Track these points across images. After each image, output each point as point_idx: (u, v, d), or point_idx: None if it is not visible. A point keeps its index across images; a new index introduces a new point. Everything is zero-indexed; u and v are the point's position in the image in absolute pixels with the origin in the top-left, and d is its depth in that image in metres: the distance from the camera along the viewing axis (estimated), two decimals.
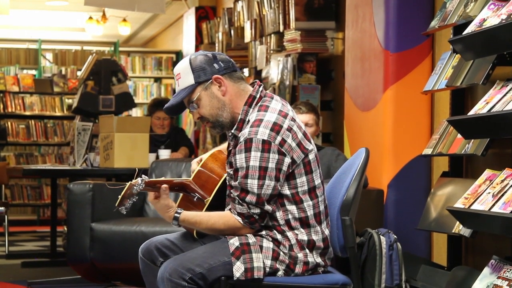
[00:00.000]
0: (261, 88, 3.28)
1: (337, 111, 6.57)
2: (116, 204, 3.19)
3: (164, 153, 6.56)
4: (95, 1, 7.58)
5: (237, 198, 3.14)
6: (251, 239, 3.16)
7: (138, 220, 5.21)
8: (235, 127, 3.23)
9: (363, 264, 3.30)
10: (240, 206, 3.14)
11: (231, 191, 3.18)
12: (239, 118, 3.22)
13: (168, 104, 3.28)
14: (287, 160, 3.14)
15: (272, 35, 7.18)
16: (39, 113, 10.88)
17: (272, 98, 3.26)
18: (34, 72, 11.87)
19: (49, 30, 14.93)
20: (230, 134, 3.26)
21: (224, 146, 3.54)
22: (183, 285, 3.10)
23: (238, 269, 3.12)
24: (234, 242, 3.15)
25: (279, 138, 3.13)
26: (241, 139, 3.14)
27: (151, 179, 3.19)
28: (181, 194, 3.35)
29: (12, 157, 11.20)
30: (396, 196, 5.05)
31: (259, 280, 3.13)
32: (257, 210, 3.13)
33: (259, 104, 3.23)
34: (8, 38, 12.88)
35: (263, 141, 3.11)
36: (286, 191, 3.18)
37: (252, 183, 3.11)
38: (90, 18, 12.39)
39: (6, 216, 7.78)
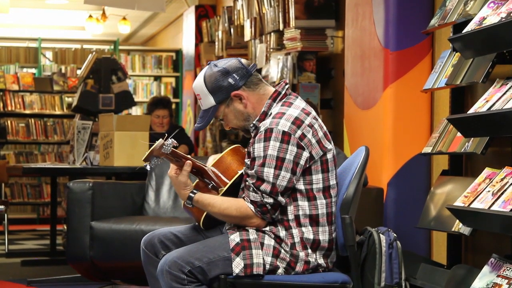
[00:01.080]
0: (287, 86, 3.31)
1: (337, 109, 6.57)
2: (143, 159, 3.20)
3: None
4: None
5: (252, 185, 3.15)
6: (252, 235, 3.17)
7: (138, 218, 5.21)
8: (257, 118, 3.25)
9: (362, 263, 3.30)
10: (254, 193, 3.15)
11: (247, 179, 3.19)
12: (262, 110, 3.25)
13: (197, 125, 3.32)
14: (306, 154, 3.15)
15: (272, 34, 7.17)
16: (39, 112, 10.87)
17: (297, 97, 3.30)
18: (34, 70, 11.86)
19: (49, 28, 14.93)
20: (251, 125, 3.27)
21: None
22: (182, 278, 3.11)
23: (237, 265, 3.13)
24: (235, 238, 3.16)
25: (299, 132, 3.15)
26: (262, 128, 3.16)
27: (179, 152, 3.20)
28: (196, 180, 3.35)
29: (12, 156, 11.20)
30: (396, 194, 5.05)
31: (258, 276, 3.13)
32: (271, 200, 3.14)
33: (283, 100, 3.26)
34: (8, 37, 12.88)
35: (283, 132, 3.13)
36: (301, 186, 3.19)
37: (268, 172, 3.13)
38: (90, 16, 12.39)
39: (6, 215, 7.78)
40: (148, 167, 3.23)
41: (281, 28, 6.87)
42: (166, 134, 3.34)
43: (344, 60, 5.83)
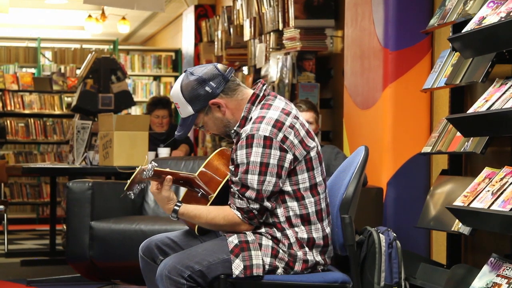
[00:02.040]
0: (264, 87, 3.28)
1: (336, 109, 6.57)
2: (125, 188, 3.19)
3: (164, 152, 6.56)
4: None
5: (237, 193, 3.15)
6: (250, 236, 3.16)
7: (137, 218, 5.21)
8: (237, 124, 3.24)
9: (362, 262, 3.30)
10: (239, 200, 3.14)
11: (232, 186, 3.18)
12: (242, 115, 3.24)
13: (178, 134, 3.31)
14: (289, 156, 3.14)
15: (272, 33, 7.17)
16: (38, 112, 10.87)
17: (276, 97, 3.27)
18: (33, 70, 11.86)
19: (48, 28, 14.92)
20: (233, 131, 3.26)
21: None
22: (182, 283, 3.10)
23: (237, 267, 3.12)
24: (233, 240, 3.15)
25: (280, 135, 3.13)
26: (243, 135, 3.15)
27: (159, 168, 3.19)
28: (185, 189, 3.35)
29: (11, 156, 11.20)
30: (396, 194, 5.05)
31: (258, 277, 3.13)
32: (256, 206, 3.14)
33: (262, 102, 3.24)
34: (8, 37, 12.87)
35: (265, 137, 3.12)
36: (288, 188, 3.18)
37: (252, 179, 3.12)
38: (89, 16, 12.39)
39: (5, 215, 7.78)
40: (132, 196, 3.22)
41: (280, 27, 6.87)
42: (147, 157, 3.34)
43: (343, 60, 5.83)
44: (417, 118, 5.07)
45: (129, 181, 3.17)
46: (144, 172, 3.14)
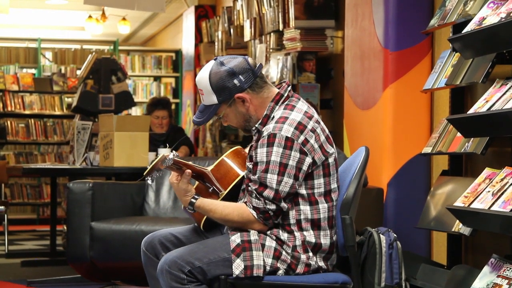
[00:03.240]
0: (289, 88, 3.28)
1: (336, 109, 6.57)
2: (145, 173, 3.22)
3: (164, 152, 6.55)
4: (95, 0, 7.57)
5: (254, 191, 3.14)
6: (253, 236, 3.16)
7: (138, 219, 5.21)
8: (259, 121, 3.24)
9: (363, 263, 3.30)
10: (256, 200, 3.14)
11: (249, 184, 3.18)
12: (265, 113, 3.23)
13: (196, 119, 3.29)
14: (308, 160, 3.14)
15: (272, 34, 7.17)
16: (38, 112, 10.87)
17: (299, 99, 3.28)
18: (33, 71, 11.86)
19: (49, 29, 14.93)
20: (254, 128, 3.26)
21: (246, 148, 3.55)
22: (182, 278, 3.10)
23: (237, 267, 3.12)
24: (236, 239, 3.15)
25: (302, 138, 3.13)
26: (265, 133, 3.15)
27: (179, 159, 3.20)
28: (196, 182, 3.35)
29: (11, 156, 11.19)
30: (396, 194, 5.05)
31: (258, 278, 3.13)
32: (273, 206, 3.13)
33: (285, 102, 3.24)
34: (8, 37, 12.87)
35: (287, 138, 3.12)
36: (303, 191, 3.18)
37: (272, 178, 3.12)
38: (90, 17, 12.39)
39: (5, 215, 7.78)
40: (150, 181, 3.25)
41: (280, 28, 6.87)
42: (168, 145, 3.35)
43: (343, 60, 5.83)
44: (417, 118, 5.07)
45: (149, 167, 3.20)
46: (166, 160, 3.16)
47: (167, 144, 7.20)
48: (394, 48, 5.06)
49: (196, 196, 3.23)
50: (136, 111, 12.69)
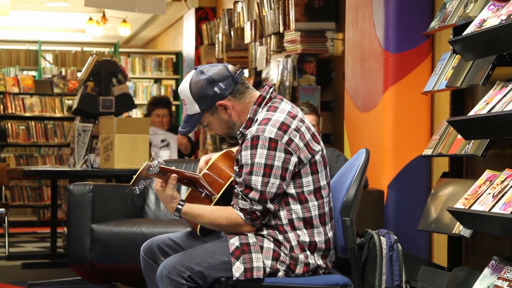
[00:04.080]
0: (271, 90, 3.28)
1: (337, 112, 6.57)
2: (131, 183, 3.17)
3: (164, 154, 6.56)
4: (95, 2, 7.58)
5: (240, 193, 3.14)
6: (252, 239, 3.16)
7: (138, 221, 5.21)
8: (243, 125, 3.24)
9: (363, 265, 3.30)
10: (243, 201, 3.14)
11: (235, 186, 3.18)
12: (248, 117, 3.23)
13: (181, 129, 3.30)
14: (294, 159, 3.14)
15: (272, 36, 7.18)
16: (39, 114, 10.88)
17: (282, 100, 3.28)
18: (34, 73, 11.87)
19: (49, 31, 14.94)
20: (238, 132, 3.26)
21: (236, 148, 3.55)
22: (182, 283, 3.10)
23: (237, 269, 3.12)
24: (234, 242, 3.15)
25: (286, 137, 3.13)
26: (248, 136, 3.15)
27: (165, 166, 3.17)
28: (189, 189, 3.34)
29: (12, 158, 11.20)
30: (397, 196, 5.05)
31: (259, 280, 3.13)
32: (259, 207, 3.13)
33: (268, 104, 3.24)
34: (8, 39, 12.88)
35: (270, 139, 3.12)
36: (292, 190, 3.18)
37: (256, 180, 3.12)
38: (90, 19, 12.40)
39: (6, 217, 7.78)
40: (137, 191, 3.19)
41: (281, 30, 6.88)
42: (152, 153, 3.34)
43: (344, 62, 5.83)
44: (417, 120, 5.07)
45: (135, 176, 3.15)
46: (150, 168, 3.12)
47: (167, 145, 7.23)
48: (395, 50, 5.06)
49: (181, 203, 3.19)
50: (136, 113, 12.69)
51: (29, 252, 8.28)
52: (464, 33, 3.77)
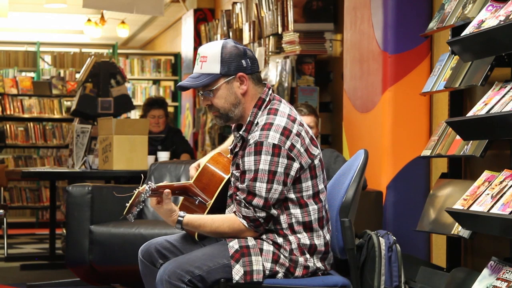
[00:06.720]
0: (270, 91, 3.28)
1: (335, 112, 6.57)
2: (124, 213, 3.16)
3: (163, 155, 6.56)
4: (94, 3, 7.59)
5: (243, 201, 3.14)
6: (251, 242, 3.16)
7: (137, 222, 5.21)
8: (243, 128, 3.23)
9: (362, 266, 3.30)
10: (246, 209, 3.14)
11: (237, 193, 3.17)
12: (248, 120, 3.22)
13: (186, 83, 3.23)
14: (296, 165, 3.14)
15: (271, 37, 7.18)
16: (37, 116, 10.87)
17: (280, 101, 3.27)
18: (32, 74, 11.87)
19: (48, 32, 14.93)
20: (237, 135, 3.25)
21: (222, 148, 3.54)
22: (182, 287, 3.10)
23: (237, 272, 3.12)
24: (234, 245, 3.15)
25: (288, 143, 3.13)
26: (251, 141, 3.14)
27: (155, 186, 3.17)
28: (181, 197, 3.34)
29: (10, 160, 11.19)
30: (395, 197, 5.05)
31: (258, 283, 3.13)
32: (263, 214, 3.13)
33: (268, 107, 3.23)
34: (7, 41, 12.88)
35: (274, 145, 3.11)
36: (292, 195, 3.18)
37: (261, 187, 3.11)
38: (89, 20, 12.39)
39: (5, 219, 7.77)
40: (132, 219, 3.18)
41: (279, 31, 6.88)
42: (142, 176, 3.32)
43: (342, 63, 5.83)
44: (416, 121, 5.07)
45: (128, 205, 3.14)
46: (142, 195, 3.12)
47: (166, 146, 7.23)
48: (393, 51, 5.06)
49: (182, 214, 3.19)
50: (135, 115, 12.69)
51: (28, 253, 8.27)
52: (463, 34, 3.77)
